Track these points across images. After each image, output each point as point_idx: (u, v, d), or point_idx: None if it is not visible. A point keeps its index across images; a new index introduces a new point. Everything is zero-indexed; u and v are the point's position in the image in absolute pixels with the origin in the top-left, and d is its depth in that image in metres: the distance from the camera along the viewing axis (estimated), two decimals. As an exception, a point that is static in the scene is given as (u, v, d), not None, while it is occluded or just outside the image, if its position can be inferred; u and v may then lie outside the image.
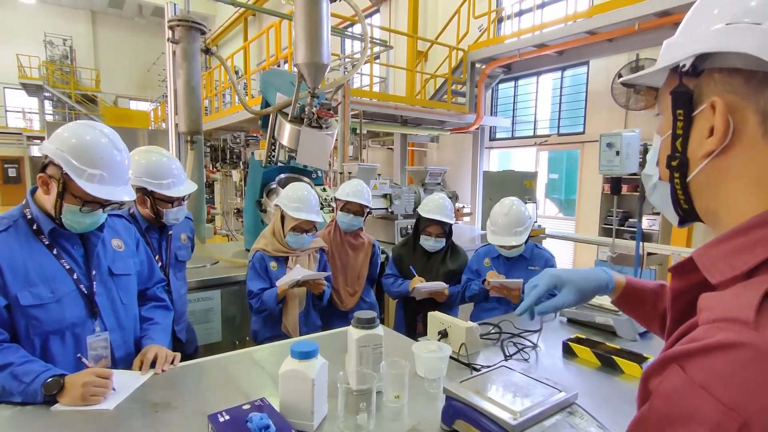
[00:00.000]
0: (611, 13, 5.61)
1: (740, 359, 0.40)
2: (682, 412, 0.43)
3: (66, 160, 1.33)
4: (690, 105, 0.56)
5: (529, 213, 2.48)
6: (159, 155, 2.06)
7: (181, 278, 2.27)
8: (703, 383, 0.42)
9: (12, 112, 17.33)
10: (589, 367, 1.65)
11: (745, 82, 0.50)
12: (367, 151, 11.05)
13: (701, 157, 0.55)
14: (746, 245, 0.49)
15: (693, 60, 0.54)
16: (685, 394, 0.43)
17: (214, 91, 10.39)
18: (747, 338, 0.41)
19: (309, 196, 2.37)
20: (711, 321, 0.45)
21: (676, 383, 0.45)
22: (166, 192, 1.99)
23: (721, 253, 0.51)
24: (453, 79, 8.01)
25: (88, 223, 1.43)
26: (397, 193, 4.18)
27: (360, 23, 3.21)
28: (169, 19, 3.34)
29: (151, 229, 2.11)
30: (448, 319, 1.79)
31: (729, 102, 0.52)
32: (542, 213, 8.44)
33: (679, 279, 0.59)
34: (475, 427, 1.10)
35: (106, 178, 1.37)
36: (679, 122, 0.57)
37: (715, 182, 0.56)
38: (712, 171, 0.55)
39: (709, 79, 0.54)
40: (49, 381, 1.26)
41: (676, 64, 0.56)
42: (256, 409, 1.16)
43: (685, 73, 0.56)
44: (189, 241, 2.34)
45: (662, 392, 0.46)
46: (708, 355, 0.43)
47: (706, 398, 0.41)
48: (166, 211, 2.04)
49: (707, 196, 0.57)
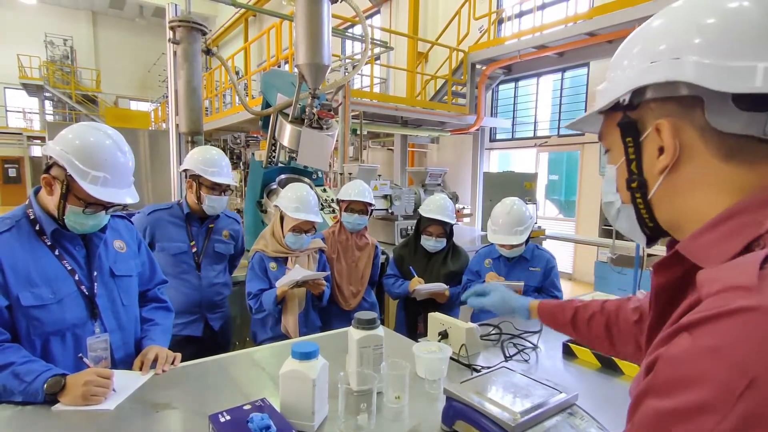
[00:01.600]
0: (611, 14, 5.61)
1: (749, 322, 0.42)
2: (690, 374, 0.44)
3: (70, 161, 1.33)
4: (636, 132, 0.64)
5: (530, 213, 2.48)
6: (212, 151, 2.39)
7: (217, 269, 2.44)
8: (711, 346, 0.44)
9: (12, 112, 17.33)
10: (589, 368, 1.65)
11: (677, 106, 0.59)
12: (368, 152, 11.05)
13: (657, 174, 0.63)
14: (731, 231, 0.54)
15: (629, 95, 0.62)
16: (693, 356, 0.45)
17: (214, 92, 10.39)
18: (755, 302, 0.43)
19: (308, 197, 2.38)
20: (716, 292, 0.47)
21: (684, 347, 0.46)
22: (210, 177, 2.26)
23: (709, 241, 0.56)
24: (453, 80, 8.01)
25: (90, 225, 1.43)
26: (397, 194, 4.18)
27: (360, 24, 3.21)
28: (170, 19, 3.35)
29: (192, 218, 2.36)
30: (449, 320, 1.79)
31: (671, 124, 0.59)
32: (542, 214, 8.44)
33: (661, 275, 0.63)
34: (476, 428, 1.10)
35: (110, 180, 1.37)
36: (630, 148, 0.65)
37: (672, 195, 0.63)
38: (669, 185, 0.62)
39: (646, 109, 0.62)
40: (51, 380, 1.26)
41: (616, 100, 0.64)
42: (257, 409, 1.16)
43: (626, 107, 0.64)
44: (231, 239, 2.50)
45: (669, 357, 0.48)
46: (717, 321, 0.44)
47: (715, 359, 0.43)
48: (206, 197, 2.28)
49: (668, 210, 0.64)
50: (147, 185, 6.23)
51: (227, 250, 2.49)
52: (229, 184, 2.35)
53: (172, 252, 2.28)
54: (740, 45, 0.54)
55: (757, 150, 0.56)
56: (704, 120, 0.57)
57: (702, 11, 0.57)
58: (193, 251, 2.33)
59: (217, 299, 2.43)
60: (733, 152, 0.57)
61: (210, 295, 2.38)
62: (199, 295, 2.34)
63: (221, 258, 2.47)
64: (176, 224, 2.33)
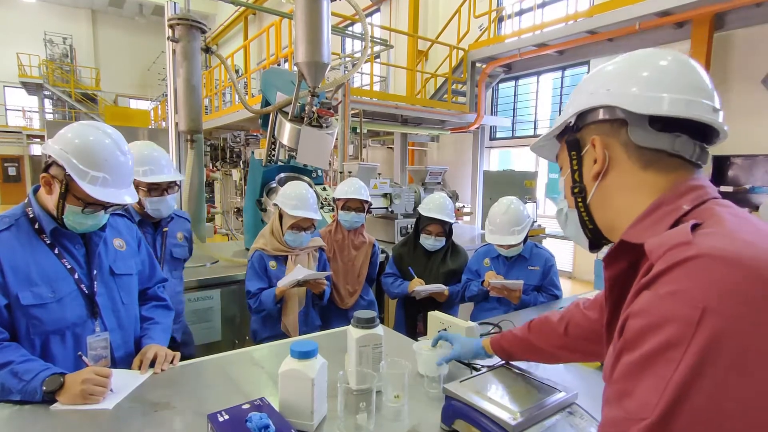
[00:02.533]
0: (612, 12, 5.60)
1: (695, 265, 0.53)
2: (656, 318, 0.53)
3: (69, 161, 1.32)
4: (579, 147, 0.79)
5: (527, 212, 2.47)
6: (141, 144, 2.07)
7: (177, 277, 2.26)
8: (670, 291, 0.53)
9: (12, 111, 17.32)
10: (588, 367, 1.65)
11: (609, 127, 0.75)
12: (368, 151, 11.05)
13: (591, 179, 0.77)
14: (660, 216, 0.67)
15: (575, 118, 0.79)
16: (655, 303, 0.54)
17: (214, 90, 10.38)
18: (695, 251, 0.54)
19: (307, 194, 2.37)
20: (663, 252, 0.57)
21: (646, 300, 0.55)
22: (141, 179, 1.98)
23: (644, 226, 0.68)
24: (453, 79, 8.00)
25: (89, 224, 1.42)
26: (397, 193, 4.17)
27: (360, 22, 3.20)
28: (169, 17, 3.34)
29: (145, 224, 2.12)
30: (448, 319, 1.78)
31: (603, 140, 0.75)
32: (542, 213, 8.43)
33: (611, 268, 0.73)
34: (475, 427, 1.10)
35: (109, 180, 1.36)
36: (574, 161, 0.80)
37: (605, 198, 0.77)
38: (602, 191, 0.77)
39: (588, 130, 0.78)
40: (49, 379, 1.26)
41: (565, 123, 0.81)
42: (256, 408, 1.16)
43: (572, 129, 0.80)
44: (186, 240, 2.33)
45: (635, 312, 0.56)
46: (671, 271, 0.54)
47: (674, 301, 0.52)
48: (145, 200, 2.03)
49: (604, 212, 0.78)
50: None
51: (184, 254, 2.31)
52: (172, 180, 2.09)
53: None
54: (655, 83, 0.70)
55: (668, 162, 0.71)
56: (627, 137, 0.72)
57: (638, 63, 0.74)
58: None
59: (179, 308, 2.22)
60: (650, 163, 0.71)
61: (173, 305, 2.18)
62: None
63: (178, 264, 2.29)
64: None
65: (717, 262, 0.52)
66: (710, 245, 0.54)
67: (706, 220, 0.61)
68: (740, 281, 0.50)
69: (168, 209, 2.13)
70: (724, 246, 0.53)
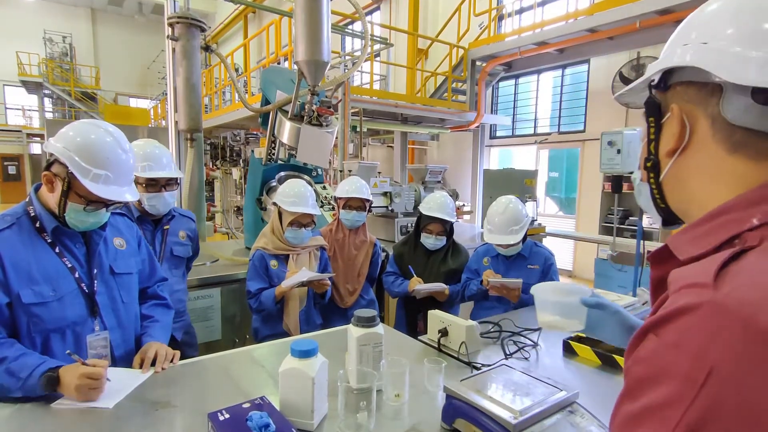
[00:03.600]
0: (612, 10, 5.59)
1: (702, 316, 0.45)
2: (657, 370, 0.47)
3: (72, 159, 1.32)
4: (659, 113, 0.65)
5: (525, 211, 2.47)
6: (143, 142, 2.09)
7: (177, 275, 2.24)
8: (673, 342, 0.47)
9: (12, 110, 17.31)
10: (589, 365, 1.65)
11: (697, 93, 0.59)
12: (368, 149, 11.04)
13: (666, 156, 0.64)
14: (709, 230, 0.56)
15: (661, 75, 0.64)
16: (659, 353, 0.48)
17: (214, 89, 10.36)
18: (707, 297, 0.46)
19: (304, 191, 2.38)
20: (678, 289, 0.50)
21: (650, 347, 0.49)
22: (140, 174, 1.97)
23: (689, 237, 0.58)
24: (453, 77, 7.99)
25: (91, 222, 1.42)
26: (397, 192, 4.17)
27: (360, 20, 3.20)
28: (169, 16, 3.34)
29: (144, 221, 2.11)
30: (449, 318, 1.78)
31: (686, 109, 0.61)
32: (542, 211, 8.43)
33: (657, 268, 0.64)
34: (476, 426, 1.10)
35: (111, 178, 1.37)
36: (651, 128, 0.67)
37: (681, 180, 0.64)
38: (678, 170, 0.64)
39: (673, 92, 0.63)
40: (43, 378, 1.25)
41: (651, 79, 0.66)
42: (256, 407, 1.16)
43: (656, 87, 0.65)
44: (189, 239, 2.30)
45: (639, 358, 0.51)
46: (677, 318, 0.47)
47: (677, 354, 0.46)
48: (143, 197, 2.02)
49: (676, 194, 0.66)
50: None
51: (185, 253, 2.28)
52: (171, 176, 2.07)
53: None
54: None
55: (763, 146, 0.55)
56: (717, 110, 0.57)
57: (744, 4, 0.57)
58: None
59: (178, 307, 2.18)
60: (739, 146, 0.57)
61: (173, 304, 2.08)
62: None
63: (180, 262, 2.26)
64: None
65: (731, 316, 0.44)
66: (731, 293, 0.45)
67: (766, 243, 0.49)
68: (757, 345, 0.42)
69: (165, 206, 2.12)
70: (747, 296, 0.44)
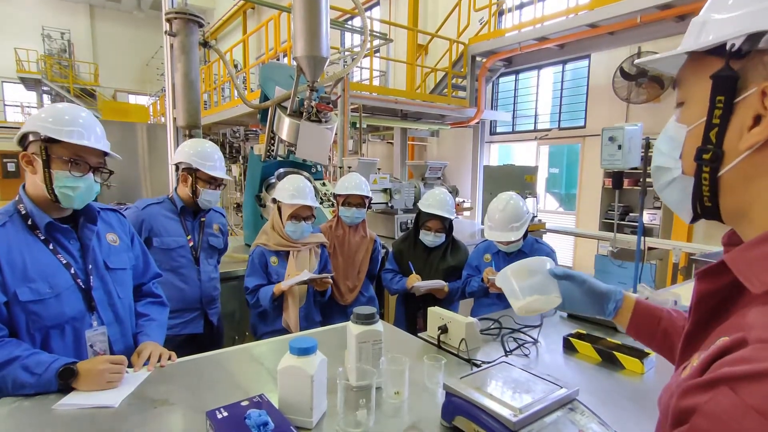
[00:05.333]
0: (613, 5, 5.56)
1: None
2: None
3: (42, 126, 1.36)
4: (733, 91, 0.50)
5: (527, 207, 2.46)
6: (206, 143, 2.38)
7: (212, 264, 2.44)
8: (757, 407, 0.39)
9: (10, 107, 17.25)
10: (589, 362, 1.64)
11: None
12: (367, 146, 11.01)
13: (742, 149, 0.50)
14: None
15: (743, 41, 0.48)
16: (737, 416, 0.40)
17: (213, 85, 10.33)
18: None
19: (303, 185, 2.39)
20: (765, 340, 0.42)
21: (726, 405, 0.42)
22: (208, 171, 2.24)
23: (759, 256, 0.47)
24: (453, 73, 7.96)
25: (82, 189, 1.41)
26: (397, 188, 4.16)
27: (360, 16, 3.18)
28: (167, 11, 3.32)
29: (186, 212, 2.33)
30: (448, 315, 1.78)
31: None
32: (542, 207, 8.43)
33: (706, 281, 0.55)
34: (476, 424, 1.09)
35: (84, 134, 1.40)
36: (718, 110, 0.51)
37: (750, 179, 0.51)
38: (750, 166, 0.50)
39: (757, 62, 0.48)
40: (64, 370, 1.29)
41: (722, 42, 0.50)
42: (255, 405, 1.15)
43: (731, 56, 0.49)
44: (221, 233, 2.50)
45: (709, 412, 0.43)
46: (764, 379, 0.40)
47: (761, 423, 0.38)
48: (203, 191, 2.27)
49: (738, 194, 0.52)
50: (145, 179, 6.21)
51: (219, 244, 2.48)
52: (225, 178, 2.34)
53: (170, 246, 2.25)
54: None
55: None
56: None
57: None
58: (190, 245, 2.31)
59: (215, 294, 2.43)
60: None
61: (209, 290, 2.38)
62: (199, 291, 2.32)
63: (214, 252, 2.46)
64: (171, 218, 2.29)
65: None
66: None
67: None
68: None
69: (216, 202, 2.40)
70: None
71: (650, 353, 1.59)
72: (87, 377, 1.31)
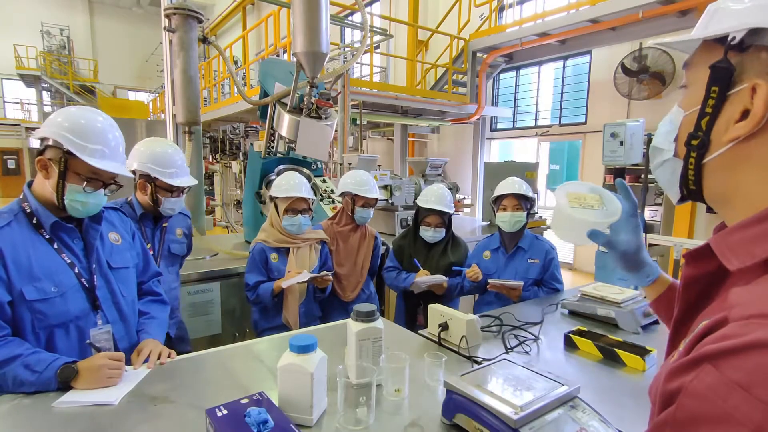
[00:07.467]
0: (614, 1, 5.52)
1: None
2: (718, 411, 0.41)
3: (66, 138, 1.33)
4: (728, 83, 0.52)
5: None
6: (165, 145, 2.11)
7: (173, 272, 2.26)
8: (741, 382, 0.40)
9: (10, 104, 17.23)
10: (590, 359, 1.64)
11: None
12: (367, 142, 11.00)
13: (726, 141, 0.52)
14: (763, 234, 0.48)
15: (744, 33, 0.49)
16: (721, 393, 0.41)
17: (212, 82, 10.30)
18: None
19: (297, 179, 2.40)
20: (746, 317, 0.43)
21: (710, 382, 0.42)
22: (168, 180, 2.02)
23: (741, 239, 0.49)
24: (454, 69, 7.93)
25: (91, 204, 1.41)
26: (397, 185, 4.15)
27: (360, 12, 3.16)
28: (166, 7, 3.29)
29: (146, 218, 2.13)
30: (449, 312, 1.77)
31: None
32: (543, 204, 8.41)
33: (693, 266, 0.57)
34: (476, 421, 1.09)
35: (107, 153, 1.38)
36: (711, 100, 0.54)
37: (732, 168, 0.53)
38: (732, 156, 0.53)
39: (754, 57, 0.49)
40: (64, 368, 1.29)
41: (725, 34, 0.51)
42: (255, 403, 1.15)
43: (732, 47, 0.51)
44: (185, 237, 2.33)
45: (694, 391, 0.44)
46: (747, 353, 0.40)
47: (746, 398, 0.39)
48: (164, 200, 2.07)
49: (720, 181, 0.55)
50: (146, 176, 6.19)
51: (181, 250, 2.30)
52: (189, 185, 2.12)
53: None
54: None
55: None
56: None
57: None
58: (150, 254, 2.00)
59: (174, 304, 2.20)
60: None
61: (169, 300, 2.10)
62: None
63: (175, 259, 2.28)
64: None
65: None
66: None
67: None
68: None
69: (180, 207, 2.18)
70: None
71: (652, 350, 1.58)
72: (86, 374, 1.31)
